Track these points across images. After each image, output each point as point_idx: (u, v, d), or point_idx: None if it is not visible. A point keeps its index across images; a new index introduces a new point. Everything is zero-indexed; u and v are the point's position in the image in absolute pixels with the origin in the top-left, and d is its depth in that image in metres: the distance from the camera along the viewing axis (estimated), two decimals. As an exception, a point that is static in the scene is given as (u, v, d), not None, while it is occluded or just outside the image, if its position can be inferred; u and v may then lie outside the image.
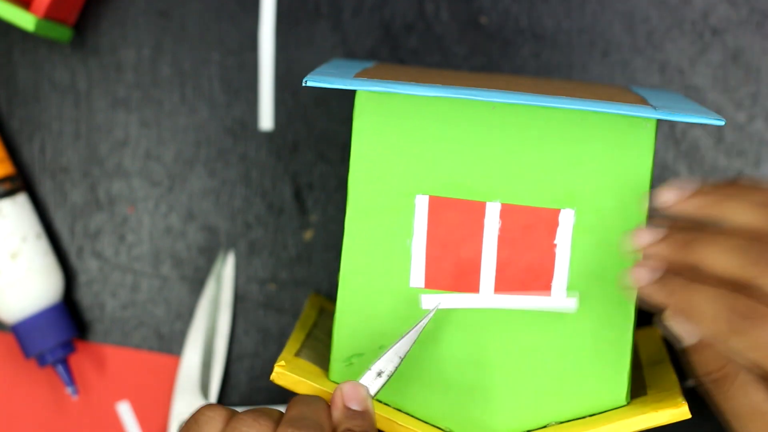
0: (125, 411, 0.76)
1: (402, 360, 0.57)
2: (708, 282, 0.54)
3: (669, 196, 0.57)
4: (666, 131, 0.75)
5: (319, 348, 0.64)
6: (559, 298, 0.60)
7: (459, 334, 0.60)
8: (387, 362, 0.57)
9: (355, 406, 0.55)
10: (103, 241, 0.76)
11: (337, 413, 0.55)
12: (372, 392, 0.57)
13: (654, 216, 0.60)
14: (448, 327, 0.60)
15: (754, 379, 0.56)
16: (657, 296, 0.55)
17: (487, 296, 0.60)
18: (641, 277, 0.56)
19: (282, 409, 0.58)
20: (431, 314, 0.58)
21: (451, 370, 0.61)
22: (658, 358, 0.66)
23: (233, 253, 0.76)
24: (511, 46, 0.75)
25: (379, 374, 0.57)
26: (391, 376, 0.57)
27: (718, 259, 0.54)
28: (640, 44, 0.75)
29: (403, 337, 0.57)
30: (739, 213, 0.55)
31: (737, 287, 0.53)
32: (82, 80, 0.76)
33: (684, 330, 0.56)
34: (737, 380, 0.56)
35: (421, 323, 0.58)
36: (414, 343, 0.58)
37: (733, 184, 0.56)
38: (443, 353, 0.61)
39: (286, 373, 0.59)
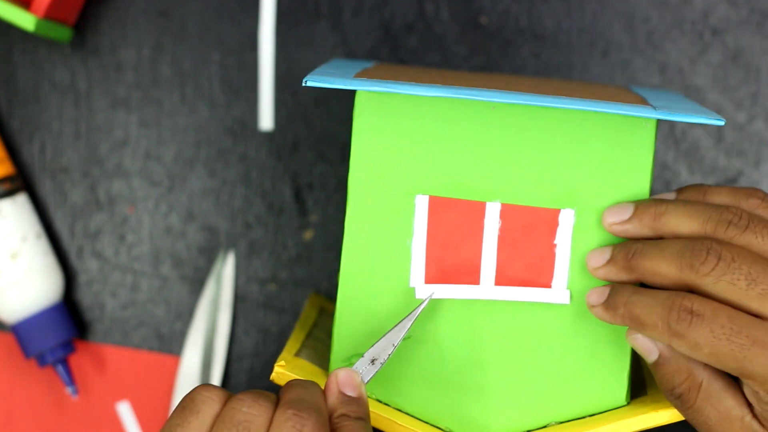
0: (125, 411, 0.76)
1: (395, 348, 0.57)
2: (651, 291, 0.56)
3: (610, 220, 0.59)
4: (666, 131, 0.75)
5: (319, 348, 0.64)
6: (557, 294, 0.60)
7: (459, 334, 0.60)
8: (380, 350, 0.57)
9: (350, 392, 0.55)
10: (103, 241, 0.76)
11: (332, 398, 0.55)
12: (365, 379, 0.57)
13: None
14: (449, 327, 0.60)
15: (720, 388, 0.56)
16: (605, 316, 0.58)
17: (481, 288, 0.60)
18: (591, 300, 0.59)
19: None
20: (425, 303, 0.58)
21: (451, 370, 0.61)
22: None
23: (233, 253, 0.76)
24: (511, 46, 0.75)
25: (372, 362, 0.57)
26: (384, 363, 0.57)
27: (658, 268, 0.56)
28: (640, 44, 0.75)
29: (396, 325, 0.58)
30: (674, 224, 0.57)
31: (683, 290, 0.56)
32: (82, 80, 0.76)
33: (643, 347, 0.57)
34: (701, 392, 0.56)
35: (415, 311, 0.58)
36: (407, 330, 0.58)
37: (670, 201, 0.58)
38: (443, 353, 0.61)
39: (286, 373, 0.59)
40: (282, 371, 0.59)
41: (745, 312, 0.54)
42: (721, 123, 0.55)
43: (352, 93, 0.75)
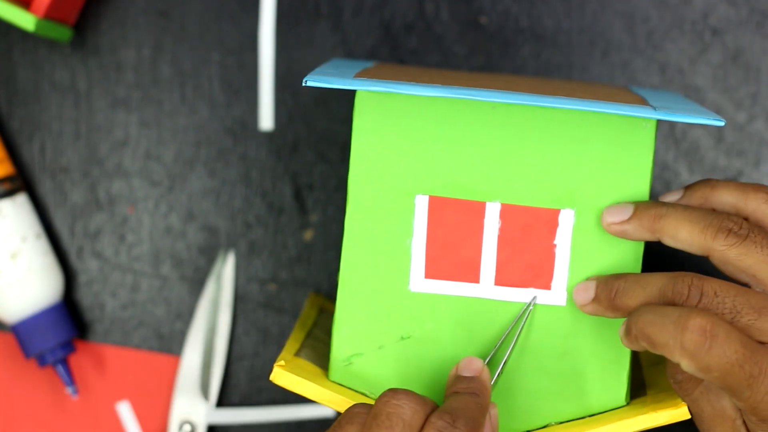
0: (125, 411, 0.76)
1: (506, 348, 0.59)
2: (661, 309, 0.56)
3: (609, 219, 0.59)
4: (666, 131, 0.75)
5: (319, 348, 0.64)
6: (556, 296, 0.60)
7: (459, 334, 0.60)
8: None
9: (466, 373, 0.57)
10: (103, 241, 0.76)
11: (449, 382, 0.57)
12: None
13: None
14: (448, 327, 0.60)
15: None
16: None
17: (480, 286, 0.60)
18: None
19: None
20: (530, 307, 0.60)
21: (450, 370, 0.61)
22: (658, 359, 0.66)
23: (233, 253, 0.76)
24: (511, 46, 0.75)
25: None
26: (504, 363, 0.59)
27: (641, 295, 0.56)
28: (640, 44, 0.75)
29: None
30: (673, 228, 0.57)
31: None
32: (82, 80, 0.76)
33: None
34: (701, 385, 0.56)
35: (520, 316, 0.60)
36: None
37: (671, 204, 0.58)
38: (443, 353, 0.61)
39: (286, 373, 0.59)
40: (281, 371, 0.59)
41: None
42: (721, 123, 0.55)
43: (352, 93, 0.75)
